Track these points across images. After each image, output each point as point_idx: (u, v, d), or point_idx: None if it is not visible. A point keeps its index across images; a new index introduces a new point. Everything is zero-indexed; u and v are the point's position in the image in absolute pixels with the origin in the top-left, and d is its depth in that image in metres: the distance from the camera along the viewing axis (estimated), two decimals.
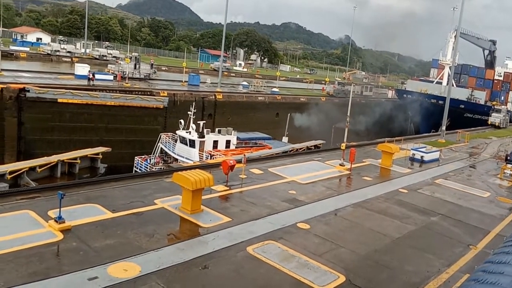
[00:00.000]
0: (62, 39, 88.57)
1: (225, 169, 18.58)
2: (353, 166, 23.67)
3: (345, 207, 17.42)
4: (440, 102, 59.71)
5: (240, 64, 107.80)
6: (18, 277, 9.70)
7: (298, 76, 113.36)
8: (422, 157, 28.31)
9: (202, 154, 32.55)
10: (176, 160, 33.25)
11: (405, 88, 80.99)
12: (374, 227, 15.55)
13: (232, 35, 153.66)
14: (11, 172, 17.10)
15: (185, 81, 59.55)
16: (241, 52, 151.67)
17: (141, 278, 10.31)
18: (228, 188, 17.85)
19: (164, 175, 18.71)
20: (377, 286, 11.45)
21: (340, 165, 23.89)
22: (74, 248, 11.33)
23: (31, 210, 13.28)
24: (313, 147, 36.09)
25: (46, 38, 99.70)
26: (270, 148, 36.39)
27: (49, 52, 75.88)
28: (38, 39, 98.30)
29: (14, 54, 69.06)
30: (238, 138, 36.98)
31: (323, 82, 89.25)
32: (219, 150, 33.97)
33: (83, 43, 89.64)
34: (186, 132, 33.87)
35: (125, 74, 53.20)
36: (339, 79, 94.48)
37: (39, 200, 14.22)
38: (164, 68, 77.55)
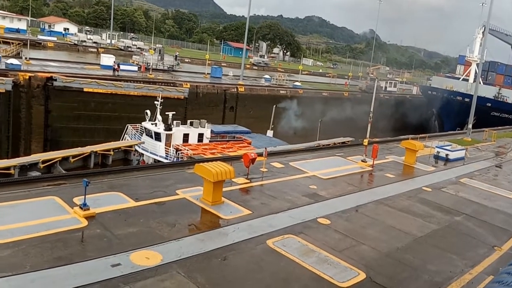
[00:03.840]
0: (89, 29, 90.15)
1: (246, 162, 18.61)
2: (375, 162, 23.36)
3: (366, 203, 17.23)
4: (466, 99, 58.40)
5: (262, 56, 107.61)
6: (43, 261, 9.95)
7: (320, 71, 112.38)
8: (447, 155, 27.74)
9: (169, 149, 29.20)
10: (142, 155, 29.54)
11: (430, 84, 79.39)
12: (396, 225, 15.34)
13: (255, 28, 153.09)
14: (44, 161, 17.51)
15: (207, 73, 59.84)
16: (264, 45, 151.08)
17: (162, 266, 10.44)
18: (248, 181, 17.88)
19: (186, 166, 18.86)
20: (398, 284, 11.31)
21: (362, 161, 23.62)
22: (98, 235, 11.55)
23: (57, 196, 13.59)
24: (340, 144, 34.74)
25: (73, 28, 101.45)
26: (250, 143, 33.58)
27: (76, 42, 77.36)
28: (65, 29, 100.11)
29: (42, 44, 70.58)
30: (212, 132, 33.83)
31: (346, 76, 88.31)
32: (190, 145, 30.71)
33: (108, 34, 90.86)
34: (152, 124, 30.61)
35: (149, 65, 53.78)
36: (372, 75, 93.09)
37: (65, 187, 14.55)
38: (187, 60, 78.06)
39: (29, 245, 10.54)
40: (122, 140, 31.64)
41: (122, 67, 48.42)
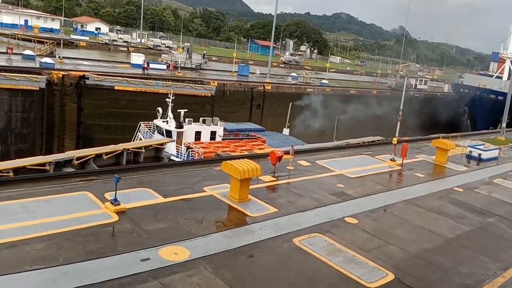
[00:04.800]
0: (119, 29, 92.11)
1: (273, 160, 18.63)
2: (404, 161, 22.93)
3: (395, 203, 16.94)
4: (500, 97, 56.52)
5: (293, 54, 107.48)
6: (76, 255, 10.26)
7: (348, 68, 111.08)
8: (479, 154, 26.92)
9: (180, 147, 28.59)
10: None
11: (462, 82, 77.20)
12: (426, 226, 15.02)
13: (282, 25, 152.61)
14: (78, 158, 18.07)
15: (234, 71, 60.11)
16: (291, 43, 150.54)
17: (190, 262, 10.59)
18: (275, 179, 17.89)
19: (213, 164, 19.05)
20: (428, 286, 11.08)
21: (391, 160, 23.22)
22: (128, 230, 11.82)
23: (89, 191, 13.98)
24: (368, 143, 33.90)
25: (104, 28, 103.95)
26: (264, 141, 32.84)
27: (107, 41, 79.25)
28: (97, 28, 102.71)
29: (75, 43, 72.63)
30: (225, 129, 33.19)
31: (375, 74, 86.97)
32: (201, 143, 30.18)
33: (138, 33, 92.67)
34: (163, 122, 30.39)
35: (178, 63, 54.49)
36: (402, 72, 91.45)
37: (96, 183, 14.95)
38: (214, 59, 78.67)
39: (62, 239, 10.88)
40: (134, 138, 31.77)
41: (151, 65, 49.28)
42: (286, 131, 39.43)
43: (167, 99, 30.77)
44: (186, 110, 31.05)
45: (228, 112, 45.48)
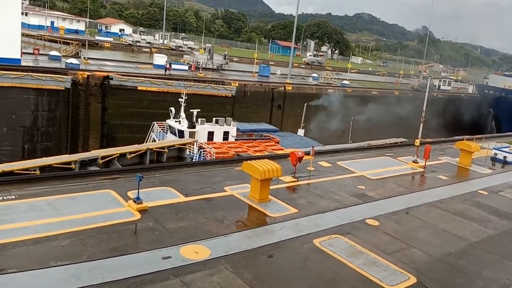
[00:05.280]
0: (142, 30, 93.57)
1: (293, 160, 18.61)
2: (427, 163, 22.57)
3: (418, 206, 16.69)
4: None
5: (316, 55, 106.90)
6: (99, 252, 10.49)
7: (370, 69, 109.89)
8: (505, 157, 26.24)
9: (192, 147, 28.08)
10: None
11: (487, 83, 75.40)
12: (449, 229, 14.75)
13: (303, 26, 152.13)
14: (102, 157, 18.46)
15: (255, 72, 60.23)
16: (312, 43, 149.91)
17: (210, 261, 10.68)
18: (295, 180, 17.86)
19: (233, 164, 19.15)
20: None
21: (414, 162, 22.88)
22: (150, 228, 12.01)
23: (113, 190, 14.26)
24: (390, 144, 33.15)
25: (128, 29, 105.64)
26: (278, 142, 32.42)
27: (131, 42, 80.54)
28: (121, 30, 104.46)
29: (99, 44, 74.00)
30: (238, 130, 32.76)
31: (397, 75, 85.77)
32: (214, 143, 29.87)
33: (161, 34, 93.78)
34: (176, 122, 30.14)
35: (199, 64, 54.94)
36: (425, 73, 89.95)
37: (120, 181, 15.24)
38: (235, 59, 78.97)
39: (87, 236, 11.13)
40: (148, 137, 31.75)
41: (173, 66, 49.82)
42: (301, 131, 39.01)
43: (179, 99, 30.60)
44: (199, 110, 30.83)
45: (249, 113, 45.60)
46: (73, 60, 43.14)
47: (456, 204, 17.53)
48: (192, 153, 27.22)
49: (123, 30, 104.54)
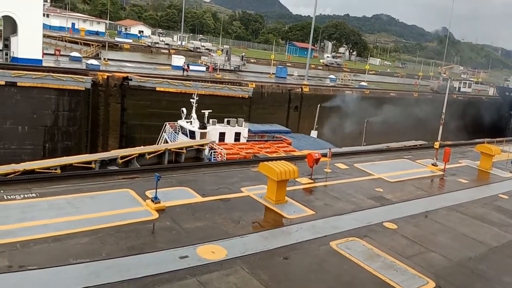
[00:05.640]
0: (161, 32, 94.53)
1: (310, 162, 18.53)
2: (447, 166, 22.20)
3: (437, 209, 16.43)
4: None
5: (335, 57, 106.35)
6: (118, 250, 10.62)
7: (388, 70, 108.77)
8: None
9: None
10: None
11: (508, 85, 73.80)
12: (469, 233, 14.48)
13: (321, 27, 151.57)
14: (122, 157, 18.75)
15: (272, 73, 60.23)
16: (329, 45, 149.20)
17: (227, 261, 10.72)
18: (312, 181, 17.79)
19: (250, 165, 19.18)
20: None
21: (433, 165, 22.54)
22: (167, 227, 12.11)
23: (131, 189, 14.43)
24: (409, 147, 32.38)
25: (147, 31, 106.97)
26: (290, 143, 32.07)
27: (149, 44, 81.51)
28: (140, 31, 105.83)
29: (119, 45, 75.06)
30: (250, 131, 32.64)
31: (416, 76, 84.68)
32: (225, 144, 29.77)
33: (179, 36, 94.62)
34: (187, 122, 30.17)
35: (217, 65, 55.22)
36: (445, 75, 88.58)
37: (138, 181, 15.41)
38: (252, 60, 79.10)
39: (106, 234, 11.29)
40: (160, 138, 31.88)
41: (191, 67, 50.21)
42: (314, 133, 38.60)
43: (191, 100, 30.63)
44: (210, 110, 30.83)
45: (266, 114, 45.61)
46: (94, 61, 43.86)
47: (476, 208, 17.20)
48: (203, 154, 27.42)
49: (142, 31, 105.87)
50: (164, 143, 31.45)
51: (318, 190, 17.06)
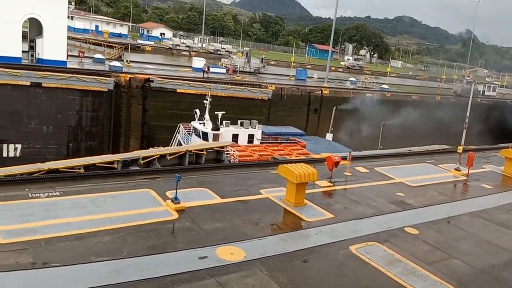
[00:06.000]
0: (182, 34, 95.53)
1: (330, 165, 18.41)
2: (470, 171, 21.73)
3: (459, 215, 16.09)
4: None
5: (357, 59, 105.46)
6: (138, 249, 10.75)
7: (410, 73, 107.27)
8: None
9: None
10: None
11: None
12: (493, 240, 14.13)
13: (341, 29, 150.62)
14: (144, 158, 19.08)
15: (292, 75, 60.14)
16: (350, 47, 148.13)
17: (245, 263, 10.73)
18: (331, 184, 17.67)
19: (269, 167, 19.17)
20: None
21: (456, 169, 22.10)
22: (187, 228, 12.21)
23: (152, 189, 14.61)
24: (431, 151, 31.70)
25: (168, 33, 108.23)
26: (304, 146, 31.70)
27: (171, 46, 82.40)
28: (161, 34, 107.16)
29: (141, 48, 76.17)
30: (263, 133, 32.54)
31: (439, 79, 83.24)
32: (238, 146, 29.70)
33: (200, 38, 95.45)
34: (200, 124, 30.27)
35: (237, 67, 55.45)
36: (469, 78, 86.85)
37: (159, 181, 15.59)
38: (272, 63, 79.15)
39: (127, 233, 11.45)
40: (174, 139, 31.91)
41: (211, 69, 50.57)
42: (329, 136, 38.25)
43: (204, 101, 30.65)
44: (224, 112, 30.90)
45: (285, 116, 45.55)
46: (116, 63, 44.63)
47: (500, 214, 16.78)
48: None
49: (164, 34, 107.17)
50: (178, 144, 31.84)
51: (338, 193, 16.94)
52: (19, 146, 33.14)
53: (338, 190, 17.28)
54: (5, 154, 32.71)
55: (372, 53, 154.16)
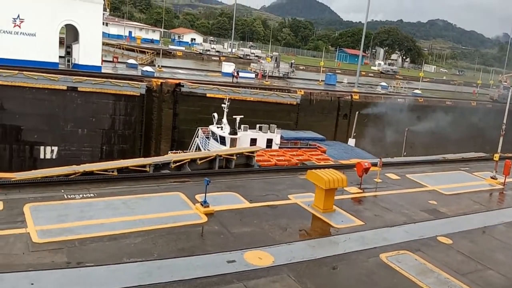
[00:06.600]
0: (212, 39, 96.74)
1: (359, 171, 18.19)
2: (507, 180, 20.96)
3: (495, 225, 15.56)
4: None
5: (391, 64, 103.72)
6: (169, 251, 10.94)
7: (444, 78, 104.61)
8: None
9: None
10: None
11: None
12: None
13: (372, 34, 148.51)
14: (175, 162, 19.45)
15: (321, 80, 59.77)
16: (381, 51, 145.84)
17: (273, 268, 10.72)
18: (361, 191, 17.44)
19: (298, 172, 19.11)
20: None
21: (492, 178, 21.37)
22: (216, 231, 12.32)
23: (182, 192, 14.83)
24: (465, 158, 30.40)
25: (199, 38, 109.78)
26: (324, 151, 30.91)
27: (201, 51, 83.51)
28: (192, 39, 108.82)
29: (172, 53, 77.54)
30: (282, 137, 31.97)
31: (475, 84, 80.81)
32: (268, 150, 29.38)
33: (230, 43, 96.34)
34: (218, 128, 30.02)
35: (266, 72, 55.59)
36: (506, 83, 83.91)
37: (188, 184, 15.82)
38: (301, 68, 78.92)
39: (157, 235, 11.67)
40: (192, 143, 31.90)
41: (241, 74, 50.91)
42: (351, 141, 37.33)
43: (222, 105, 30.44)
44: (242, 116, 30.54)
45: (314, 121, 45.25)
46: (148, 68, 45.62)
47: None
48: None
49: (194, 39, 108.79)
50: (196, 148, 31.83)
51: (368, 200, 16.69)
52: (55, 148, 34.30)
53: (368, 196, 17.04)
54: (42, 156, 33.92)
55: (404, 57, 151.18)
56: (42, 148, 34.03)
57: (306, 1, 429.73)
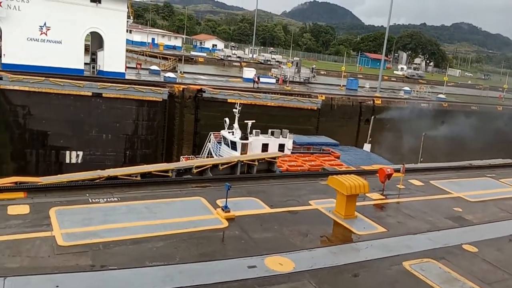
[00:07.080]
0: (233, 45, 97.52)
1: (382, 177, 17.92)
2: None
3: None
4: None
5: (417, 68, 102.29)
6: (190, 256, 11.01)
7: (469, 82, 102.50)
8: None
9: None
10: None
11: None
12: None
13: (395, 38, 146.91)
14: (197, 167, 19.68)
15: (343, 85, 59.43)
16: (404, 55, 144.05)
17: (294, 274, 10.66)
18: (384, 197, 17.19)
19: (319, 177, 19.00)
20: None
21: None
22: (236, 236, 12.35)
23: (203, 197, 14.93)
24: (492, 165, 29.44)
25: (220, 44, 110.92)
26: (338, 156, 30.41)
27: (222, 57, 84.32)
28: (213, 45, 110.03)
29: (194, 59, 78.51)
30: (295, 142, 31.73)
31: (501, 89, 78.93)
32: (290, 156, 29.33)
33: (250, 49, 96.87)
34: (229, 132, 30.04)
35: (287, 77, 55.65)
36: None
37: (209, 189, 15.91)
38: (322, 73, 78.68)
39: (179, 240, 11.77)
40: (204, 148, 31.98)
41: (261, 79, 51.12)
42: (367, 146, 36.65)
43: (234, 110, 30.43)
44: (254, 120, 30.58)
45: (335, 126, 45.01)
46: (171, 74, 46.32)
47: None
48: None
49: (216, 45, 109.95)
50: (208, 153, 31.80)
51: (390, 206, 16.45)
52: (80, 153, 35.12)
53: (390, 203, 16.78)
54: (67, 161, 34.79)
55: (428, 61, 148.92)
56: (67, 153, 34.89)
57: (327, 6, 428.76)
